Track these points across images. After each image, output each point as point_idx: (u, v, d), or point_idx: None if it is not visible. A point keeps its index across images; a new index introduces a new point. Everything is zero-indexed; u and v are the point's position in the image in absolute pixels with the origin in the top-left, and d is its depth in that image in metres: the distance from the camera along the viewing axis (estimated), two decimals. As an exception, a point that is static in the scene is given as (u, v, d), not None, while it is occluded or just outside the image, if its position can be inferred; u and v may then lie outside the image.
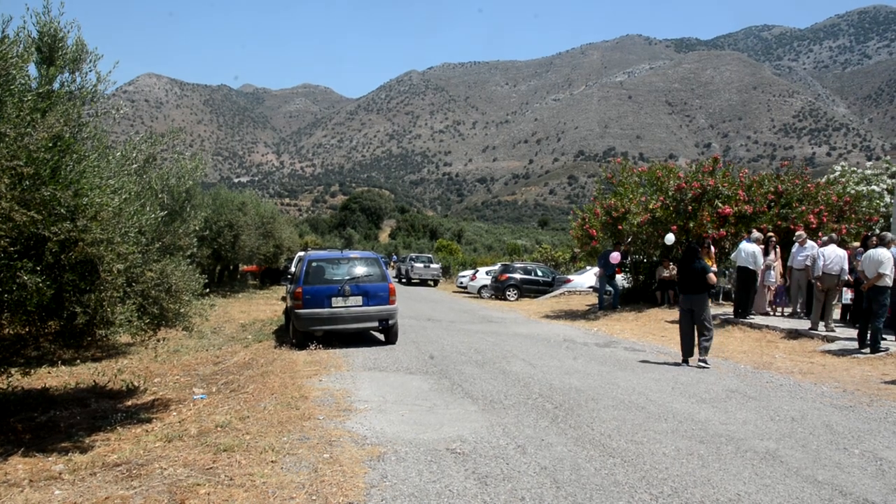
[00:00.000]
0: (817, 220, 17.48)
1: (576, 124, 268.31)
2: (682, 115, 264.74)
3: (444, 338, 13.56)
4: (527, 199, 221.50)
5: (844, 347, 11.66)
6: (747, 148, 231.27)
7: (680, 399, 7.95)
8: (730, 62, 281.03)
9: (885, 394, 8.40)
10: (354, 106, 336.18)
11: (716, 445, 6.05)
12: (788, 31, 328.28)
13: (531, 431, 6.43)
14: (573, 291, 26.64)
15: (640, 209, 18.61)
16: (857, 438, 6.35)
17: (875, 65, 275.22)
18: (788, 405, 7.72)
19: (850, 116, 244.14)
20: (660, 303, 18.60)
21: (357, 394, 7.99)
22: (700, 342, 10.53)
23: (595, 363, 10.57)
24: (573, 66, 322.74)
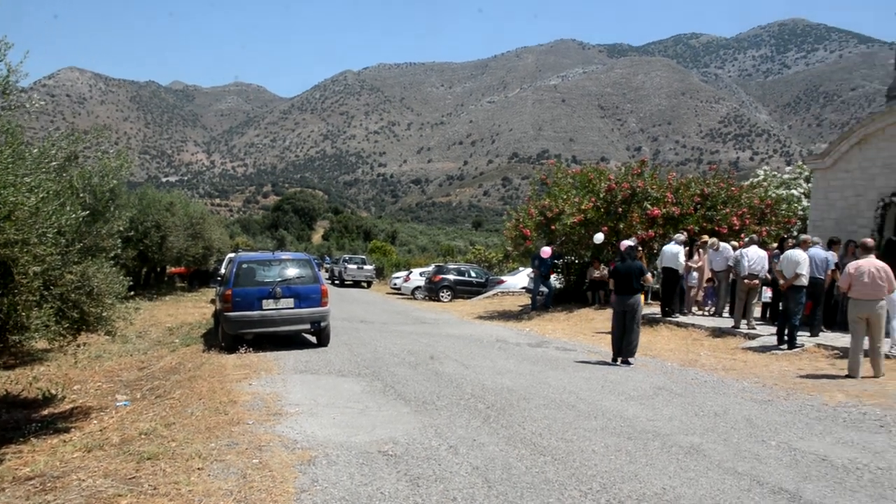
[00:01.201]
0: (740, 222, 18.15)
1: (510, 126, 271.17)
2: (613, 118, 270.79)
3: (377, 339, 13.49)
4: (461, 201, 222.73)
5: (764, 344, 12.12)
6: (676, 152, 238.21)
7: (609, 397, 8.11)
8: (660, 68, 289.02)
9: (799, 388, 8.78)
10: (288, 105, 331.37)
11: (643, 441, 6.19)
12: (715, 39, 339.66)
13: (463, 432, 6.45)
14: (506, 292, 26.88)
15: (572, 210, 18.92)
16: (774, 431, 6.60)
17: (794, 74, 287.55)
18: (712, 401, 7.97)
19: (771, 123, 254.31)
20: (591, 303, 18.95)
21: (288, 397, 7.87)
22: (630, 341, 10.76)
23: (527, 363, 10.69)
24: (508, 68, 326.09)
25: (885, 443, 6.25)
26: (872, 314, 9.39)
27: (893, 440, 6.34)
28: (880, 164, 13.75)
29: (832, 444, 6.17)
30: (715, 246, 14.99)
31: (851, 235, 13.43)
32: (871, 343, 9.53)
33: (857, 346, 9.58)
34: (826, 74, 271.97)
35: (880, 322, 9.44)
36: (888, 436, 6.50)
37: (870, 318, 9.42)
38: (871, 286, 9.39)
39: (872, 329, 9.45)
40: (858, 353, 9.56)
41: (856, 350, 9.58)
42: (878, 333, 9.45)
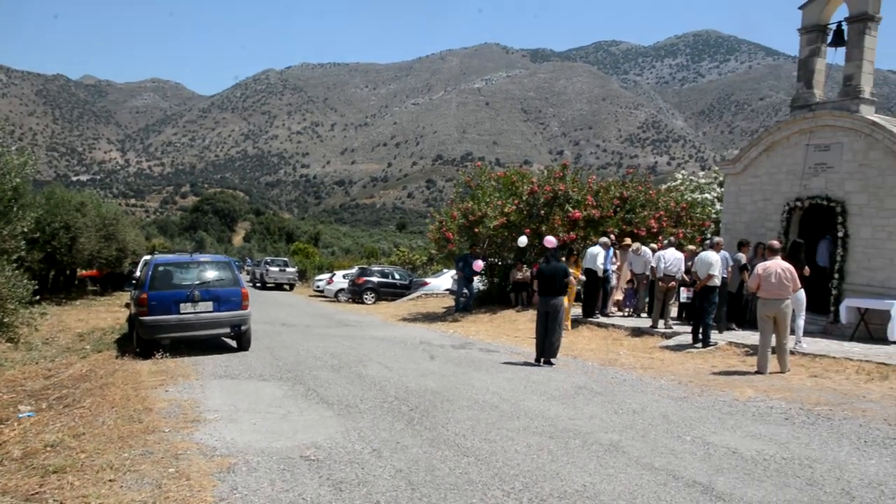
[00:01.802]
0: (658, 225, 18.77)
1: (435, 129, 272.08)
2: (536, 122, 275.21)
3: (299, 343, 13.28)
4: (385, 203, 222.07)
5: (680, 343, 12.56)
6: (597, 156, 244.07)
7: (532, 397, 8.23)
8: (581, 74, 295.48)
9: (713, 384, 9.12)
10: (208, 103, 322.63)
11: (564, 440, 6.30)
12: (634, 47, 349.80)
13: (387, 435, 6.41)
14: (430, 294, 26.94)
15: (495, 213, 19.11)
16: (689, 426, 6.83)
17: (707, 83, 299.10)
18: (631, 399, 8.18)
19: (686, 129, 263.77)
20: (514, 304, 19.19)
21: (206, 403, 7.65)
22: (552, 342, 10.94)
23: (451, 365, 10.73)
24: (433, 71, 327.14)
25: (789, 434, 6.56)
26: (779, 313, 9.84)
27: (797, 431, 6.66)
28: (785, 170, 14.44)
29: (742, 438, 6.43)
30: (636, 249, 15.42)
31: (760, 238, 14.06)
32: (777, 340, 10.00)
33: (765, 343, 10.03)
34: (737, 84, 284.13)
35: (786, 320, 9.92)
36: (792, 427, 6.82)
37: (776, 316, 9.87)
38: (778, 286, 9.84)
39: (779, 327, 9.91)
40: (766, 350, 10.01)
41: (764, 347, 10.04)
42: (784, 331, 9.92)
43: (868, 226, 12.97)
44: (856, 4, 13.52)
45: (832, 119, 13.59)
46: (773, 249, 10.42)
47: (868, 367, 9.88)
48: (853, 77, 13.49)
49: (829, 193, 13.58)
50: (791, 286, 9.87)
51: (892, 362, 10.06)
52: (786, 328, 9.95)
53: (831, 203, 13.48)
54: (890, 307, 12.02)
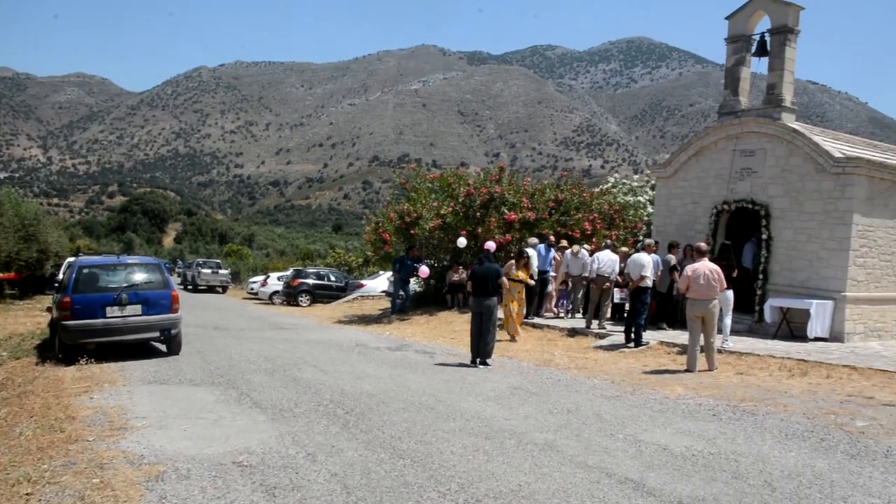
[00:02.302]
0: (592, 227, 19.13)
1: (371, 130, 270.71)
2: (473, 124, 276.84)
3: (232, 346, 13.00)
4: (321, 204, 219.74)
5: (613, 343, 12.82)
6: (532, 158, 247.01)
7: (468, 398, 8.25)
8: (517, 77, 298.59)
9: (644, 383, 9.34)
10: (137, 100, 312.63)
11: (500, 440, 6.34)
12: (569, 52, 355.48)
13: (322, 438, 6.33)
14: (366, 296, 26.78)
15: (432, 214, 19.13)
16: (621, 425, 6.97)
17: (640, 88, 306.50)
18: (565, 398, 8.30)
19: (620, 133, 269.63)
20: (450, 306, 19.24)
21: (134, 410, 7.40)
22: (486, 343, 11.00)
23: (387, 367, 10.68)
24: (370, 71, 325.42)
25: (716, 430, 6.76)
26: (707, 313, 10.15)
27: (723, 427, 6.87)
28: (713, 174, 14.92)
29: (672, 435, 6.59)
30: (576, 251, 15.63)
31: (690, 240, 14.48)
32: (705, 339, 10.30)
33: (693, 342, 10.32)
34: (668, 90, 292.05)
35: (713, 320, 10.23)
36: (719, 423, 7.04)
37: (704, 316, 10.18)
38: (706, 287, 10.15)
39: (707, 326, 10.21)
40: (695, 349, 10.31)
41: (693, 346, 10.33)
42: (712, 330, 10.23)
43: (790, 228, 13.51)
44: (777, 17, 14.09)
45: (756, 126, 14.11)
46: (701, 251, 10.75)
47: (790, 364, 10.29)
48: (776, 86, 14.04)
49: (754, 197, 14.09)
50: (718, 287, 10.20)
51: (812, 359, 10.51)
52: (713, 328, 10.26)
53: (756, 206, 13.99)
54: (809, 306, 12.55)
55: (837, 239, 12.87)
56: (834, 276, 12.89)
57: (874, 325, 13.44)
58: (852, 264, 12.80)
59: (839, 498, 4.94)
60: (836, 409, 7.64)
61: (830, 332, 12.77)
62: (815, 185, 13.19)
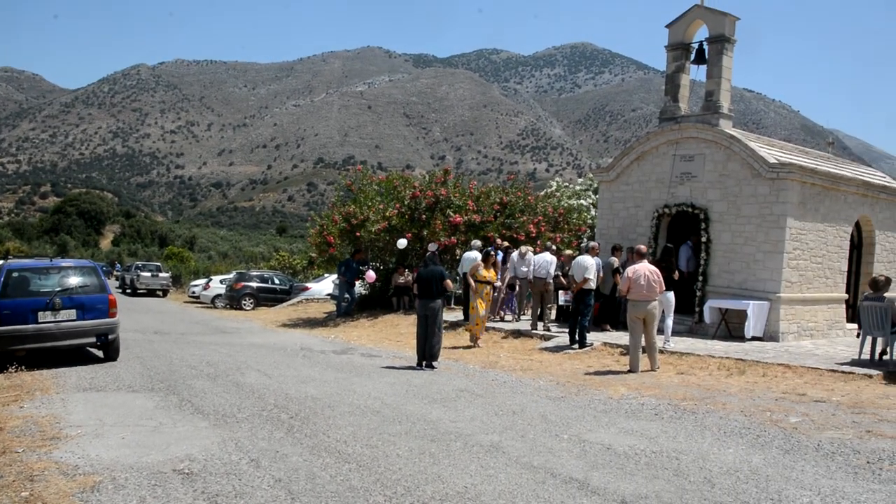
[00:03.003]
0: (536, 230, 19.33)
1: (316, 131, 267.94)
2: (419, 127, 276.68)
3: (172, 351, 12.69)
4: (265, 206, 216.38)
5: (558, 344, 12.96)
6: (478, 161, 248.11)
7: (413, 401, 8.23)
8: (463, 80, 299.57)
9: (589, 384, 9.47)
10: (71, 98, 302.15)
11: (446, 443, 6.34)
12: (514, 56, 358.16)
13: (265, 444, 6.22)
14: (311, 299, 26.51)
15: (377, 217, 19.06)
16: (566, 425, 7.05)
17: (584, 93, 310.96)
18: (511, 400, 8.35)
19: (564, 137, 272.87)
20: (396, 308, 19.18)
21: (68, 419, 7.14)
22: (432, 345, 11.00)
23: (332, 370, 10.58)
24: (314, 72, 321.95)
25: (658, 429, 6.90)
26: (648, 314, 10.34)
27: (665, 426, 7.02)
28: (654, 178, 15.24)
29: (616, 434, 6.70)
30: (523, 253, 15.75)
31: (633, 242, 14.74)
32: (647, 340, 10.50)
33: (635, 343, 10.51)
34: (611, 95, 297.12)
35: (654, 321, 10.44)
36: (661, 422, 7.19)
37: (645, 317, 10.37)
38: (647, 288, 10.35)
39: (648, 327, 10.42)
40: (637, 349, 10.50)
41: (635, 347, 10.52)
42: (653, 331, 10.44)
43: (728, 231, 13.90)
44: (714, 27, 14.49)
45: (696, 131, 14.48)
46: (641, 253, 10.97)
47: (728, 364, 10.57)
48: (713, 93, 14.43)
49: (693, 201, 14.44)
50: (658, 288, 10.41)
51: (749, 358, 10.83)
52: (654, 328, 10.47)
53: (696, 210, 14.35)
54: (747, 307, 12.93)
55: (772, 242, 13.29)
56: (769, 277, 13.31)
57: (806, 324, 13.93)
58: (786, 266, 13.24)
59: (774, 492, 5.09)
60: (772, 407, 7.88)
61: (766, 331, 13.19)
62: (752, 190, 13.61)
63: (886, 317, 10.47)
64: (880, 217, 15.91)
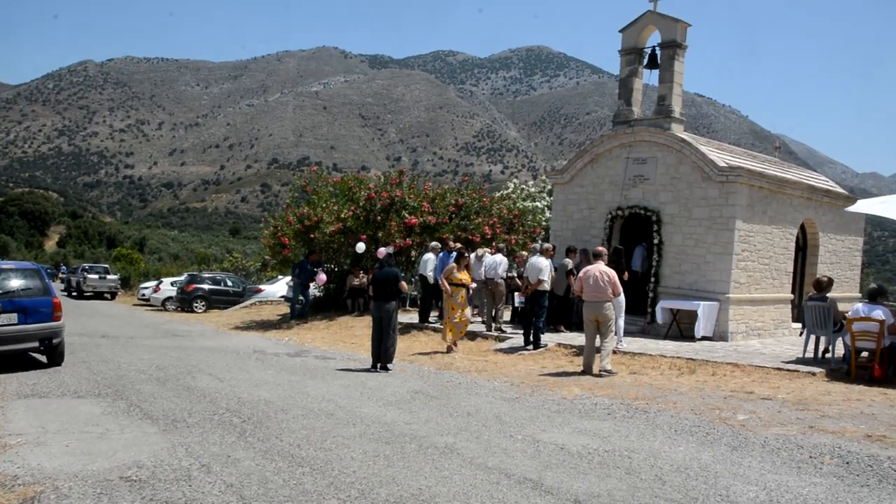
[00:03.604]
0: (491, 231, 19.42)
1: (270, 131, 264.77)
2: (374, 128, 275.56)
3: (120, 355, 12.38)
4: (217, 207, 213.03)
5: (513, 345, 13.02)
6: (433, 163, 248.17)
7: (368, 403, 8.18)
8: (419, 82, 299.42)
9: (543, 384, 9.53)
10: (13, 94, 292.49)
11: (400, 445, 6.31)
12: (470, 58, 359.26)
13: (217, 449, 6.11)
14: (265, 301, 26.19)
15: (332, 218, 18.92)
16: (520, 426, 7.08)
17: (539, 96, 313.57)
18: (465, 401, 8.36)
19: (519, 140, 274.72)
20: (350, 310, 19.07)
21: (8, 427, 6.89)
22: (387, 347, 10.95)
23: (286, 373, 10.45)
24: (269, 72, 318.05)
25: (611, 428, 6.98)
26: (601, 315, 10.45)
27: (617, 425, 7.10)
28: (608, 181, 15.45)
29: (569, 434, 6.75)
30: (480, 255, 15.81)
31: (586, 244, 14.94)
32: (600, 340, 10.62)
33: (590, 344, 10.62)
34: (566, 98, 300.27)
35: (608, 322, 10.54)
36: (613, 422, 7.27)
37: (598, 318, 10.48)
38: (595, 288, 10.44)
39: (601, 328, 10.53)
40: (591, 350, 10.60)
41: (589, 348, 10.62)
42: (607, 332, 10.55)
43: (679, 233, 14.16)
44: (667, 32, 14.76)
45: (648, 135, 14.72)
46: (595, 254, 11.09)
47: (679, 363, 10.76)
48: (666, 97, 14.69)
49: (646, 203, 14.68)
50: (609, 289, 10.49)
51: (699, 357, 11.04)
52: (608, 329, 10.58)
53: (648, 212, 14.58)
54: (697, 307, 13.18)
55: (722, 244, 13.59)
56: (719, 278, 13.59)
57: (754, 324, 14.27)
58: (735, 267, 13.54)
59: (722, 487, 5.20)
60: (721, 405, 8.05)
61: (716, 331, 13.47)
62: (702, 193, 13.89)
63: (829, 316, 10.79)
64: (824, 220, 16.40)
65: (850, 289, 17.34)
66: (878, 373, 9.71)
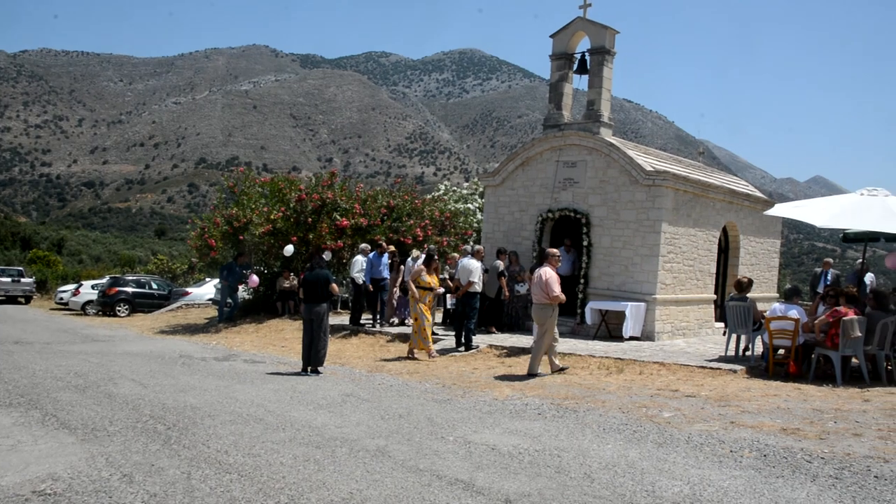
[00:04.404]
0: (423, 234, 19.41)
1: (198, 130, 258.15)
2: (306, 128, 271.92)
3: (35, 362, 11.82)
4: (142, 207, 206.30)
5: (445, 347, 13.03)
6: (366, 164, 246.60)
7: (298, 407, 8.05)
8: (351, 82, 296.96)
9: (475, 385, 9.57)
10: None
11: (331, 449, 6.22)
12: (403, 60, 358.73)
13: (140, 458, 5.89)
14: (192, 304, 25.51)
15: (261, 220, 18.58)
16: (452, 427, 7.09)
17: (471, 99, 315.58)
18: (397, 404, 8.32)
19: (452, 142, 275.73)
20: (281, 313, 18.76)
21: (-89, 438, 6.49)
22: (318, 350, 10.81)
23: (213, 378, 10.19)
24: (196, 69, 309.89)
25: (541, 428, 7.06)
26: (536, 315, 10.49)
27: (548, 425, 7.19)
28: (539, 184, 15.65)
29: (500, 434, 6.80)
30: (416, 257, 15.76)
31: (517, 246, 15.10)
32: (534, 340, 10.66)
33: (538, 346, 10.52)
34: (498, 102, 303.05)
35: (542, 323, 10.51)
36: (544, 422, 7.36)
37: (535, 319, 10.51)
38: (536, 291, 10.49)
39: (539, 329, 10.46)
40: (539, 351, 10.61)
41: (537, 350, 10.55)
42: (540, 334, 10.53)
43: (608, 236, 14.45)
44: (596, 39, 15.07)
45: (578, 139, 14.98)
46: (544, 256, 11.03)
47: (607, 363, 10.98)
48: (595, 102, 14.99)
49: (575, 206, 14.93)
50: (543, 290, 10.47)
51: (627, 357, 11.29)
52: (544, 331, 10.47)
53: (578, 215, 14.84)
54: (625, 308, 13.49)
55: (649, 246, 13.94)
56: (646, 280, 13.94)
57: (680, 324, 14.70)
58: (661, 269, 13.91)
59: (648, 483, 5.32)
60: (647, 403, 8.24)
61: (643, 331, 13.81)
62: (630, 196, 14.22)
63: (749, 316, 11.21)
64: (744, 223, 17.03)
65: (768, 289, 18.06)
66: (793, 369, 10.14)
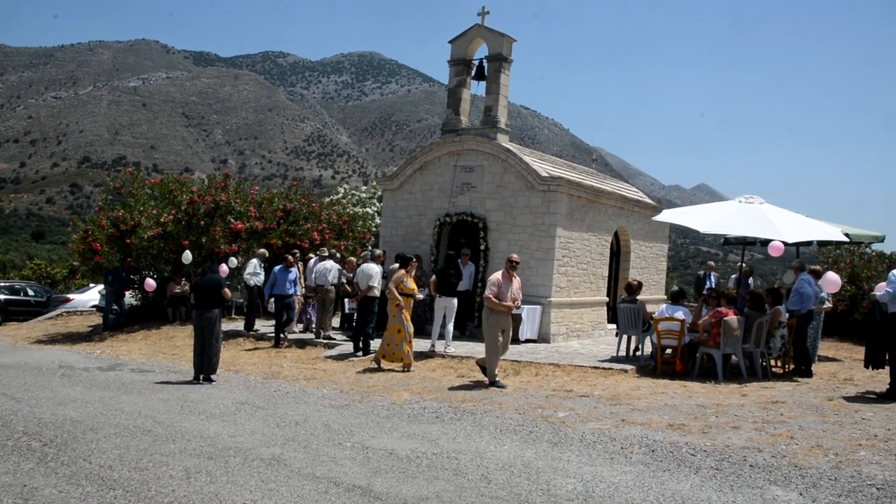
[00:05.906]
0: (321, 237, 19.16)
1: (81, 127, 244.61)
2: (199, 128, 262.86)
3: None
4: (17, 208, 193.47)
5: (342, 352, 12.91)
6: (262, 166, 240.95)
7: (189, 417, 7.75)
8: (247, 82, 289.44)
9: (372, 391, 9.52)
10: None
11: (224, 459, 6.03)
12: (301, 61, 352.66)
13: (10, 478, 5.49)
14: (74, 311, 24.12)
15: (151, 223, 17.81)
16: (349, 433, 7.01)
17: (370, 102, 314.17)
18: (293, 410, 8.15)
19: (350, 145, 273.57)
20: (172, 320, 18.02)
21: None
22: (210, 357, 10.46)
23: (97, 389, 9.66)
24: (79, 62, 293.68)
25: (439, 431, 7.09)
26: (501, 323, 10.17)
27: (445, 428, 7.23)
28: (437, 188, 15.75)
29: (398, 439, 6.78)
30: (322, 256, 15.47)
31: (415, 250, 15.12)
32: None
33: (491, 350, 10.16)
34: (397, 105, 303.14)
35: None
36: (442, 425, 7.39)
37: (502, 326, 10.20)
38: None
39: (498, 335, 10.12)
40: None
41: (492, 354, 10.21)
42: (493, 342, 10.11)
43: (504, 240, 14.71)
44: (493, 46, 15.33)
45: (475, 144, 15.18)
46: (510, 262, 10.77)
47: (505, 365, 11.15)
48: (492, 108, 15.24)
49: (473, 210, 15.12)
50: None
51: (523, 359, 11.53)
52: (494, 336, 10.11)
53: (475, 219, 15.03)
54: (522, 311, 13.74)
55: (544, 250, 14.29)
56: (542, 283, 14.28)
57: (574, 326, 15.14)
58: (556, 272, 14.29)
59: (543, 482, 5.44)
60: (543, 404, 8.44)
61: (539, 333, 14.13)
62: (526, 201, 14.53)
63: (638, 317, 11.69)
64: (635, 228, 17.75)
65: (657, 291, 18.88)
66: (679, 367, 10.66)
